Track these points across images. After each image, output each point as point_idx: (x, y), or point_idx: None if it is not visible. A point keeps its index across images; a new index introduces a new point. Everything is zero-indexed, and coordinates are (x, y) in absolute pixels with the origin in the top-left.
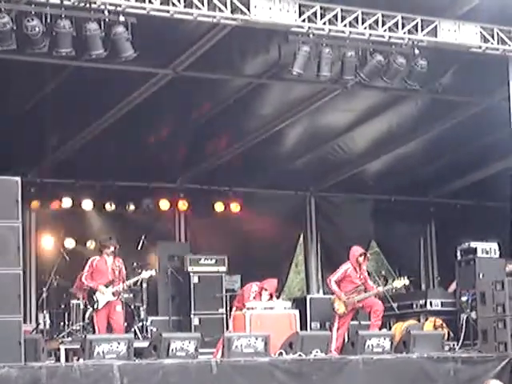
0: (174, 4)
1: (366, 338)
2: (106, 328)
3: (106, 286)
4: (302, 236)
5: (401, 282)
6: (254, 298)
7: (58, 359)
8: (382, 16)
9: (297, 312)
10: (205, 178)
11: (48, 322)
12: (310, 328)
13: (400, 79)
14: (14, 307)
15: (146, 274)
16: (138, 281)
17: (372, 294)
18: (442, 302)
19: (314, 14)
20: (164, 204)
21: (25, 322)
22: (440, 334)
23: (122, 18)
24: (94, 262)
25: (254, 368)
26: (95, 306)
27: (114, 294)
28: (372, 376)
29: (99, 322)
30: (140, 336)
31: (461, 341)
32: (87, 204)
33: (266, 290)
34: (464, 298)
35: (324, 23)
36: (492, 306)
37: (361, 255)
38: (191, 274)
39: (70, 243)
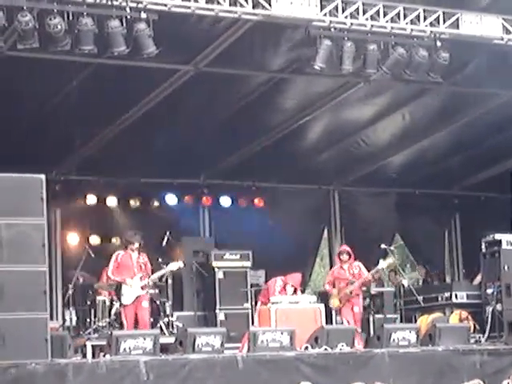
0: (195, 0)
1: (392, 332)
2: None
3: (133, 279)
4: (326, 230)
5: (385, 263)
6: (279, 292)
7: (84, 356)
8: (404, 9)
9: (322, 306)
10: (228, 174)
11: (74, 318)
12: (336, 322)
13: (422, 72)
14: (40, 304)
15: (173, 266)
16: (165, 274)
17: (360, 282)
18: (467, 295)
19: (336, 7)
20: (188, 200)
21: (51, 318)
22: (466, 326)
23: (143, 15)
24: (118, 256)
25: (279, 362)
26: (124, 301)
27: (142, 287)
28: (398, 369)
29: (128, 316)
30: (166, 331)
31: (486, 333)
32: (112, 201)
33: (289, 284)
34: (489, 291)
35: (345, 17)
36: None
37: (341, 253)
38: (216, 269)
39: (95, 240)
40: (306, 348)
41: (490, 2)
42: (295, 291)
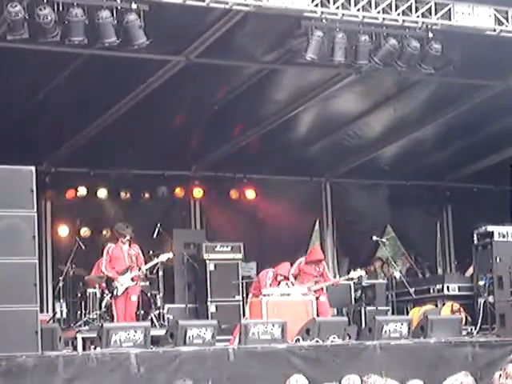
0: None
1: (383, 324)
2: None
3: (123, 274)
4: (317, 222)
5: (357, 273)
6: (271, 284)
7: (74, 348)
8: (396, 0)
9: (313, 298)
10: (219, 165)
11: (65, 310)
12: None
13: (414, 63)
14: (31, 297)
15: (163, 257)
16: (156, 264)
17: (327, 285)
18: (459, 287)
19: None
20: (179, 192)
21: (41, 311)
22: (457, 318)
23: (134, 6)
24: (109, 249)
25: (271, 355)
26: (114, 293)
27: (132, 279)
28: (389, 361)
29: (118, 308)
30: (157, 324)
31: (478, 325)
32: (102, 192)
33: (280, 274)
34: (481, 282)
35: (337, 8)
36: (509, 289)
37: (317, 261)
38: (207, 262)
39: (85, 232)
40: (298, 340)
41: None
42: (285, 279)
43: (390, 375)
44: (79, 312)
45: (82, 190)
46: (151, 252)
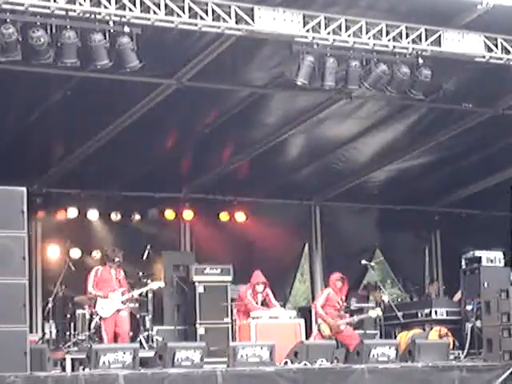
0: (178, 15)
1: (371, 347)
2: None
3: (114, 293)
4: (306, 245)
5: (374, 312)
6: (252, 296)
7: (63, 369)
8: (386, 26)
9: (302, 321)
10: (210, 188)
11: (54, 331)
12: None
13: (404, 89)
14: (20, 317)
15: (154, 285)
16: (146, 291)
17: (349, 321)
18: (447, 311)
19: (318, 24)
20: (169, 214)
21: (31, 331)
22: (445, 342)
23: (126, 29)
24: (98, 271)
25: (259, 377)
26: (102, 313)
27: (123, 302)
28: None
29: (107, 329)
30: (145, 345)
31: (466, 350)
32: (93, 214)
33: (257, 283)
34: (469, 307)
35: (328, 33)
36: (497, 314)
37: (338, 280)
38: (196, 284)
39: (75, 253)
40: (286, 363)
41: (472, 19)
42: (265, 286)
43: None
44: (68, 333)
45: (73, 211)
46: (141, 274)
